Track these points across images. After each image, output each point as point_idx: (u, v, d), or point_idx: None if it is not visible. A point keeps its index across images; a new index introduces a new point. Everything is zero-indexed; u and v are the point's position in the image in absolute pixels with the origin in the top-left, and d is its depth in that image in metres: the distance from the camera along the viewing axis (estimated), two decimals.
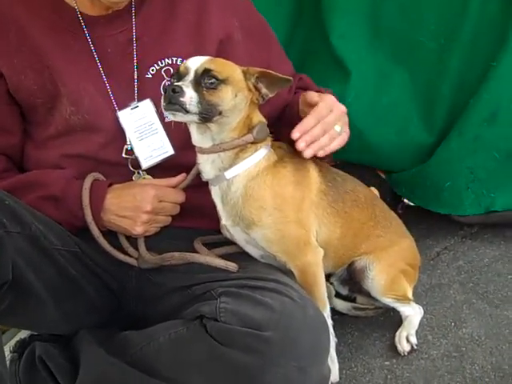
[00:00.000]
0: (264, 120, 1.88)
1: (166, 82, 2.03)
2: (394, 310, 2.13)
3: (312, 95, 1.99)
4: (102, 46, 2.01)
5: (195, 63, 1.78)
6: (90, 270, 1.96)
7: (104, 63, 2.01)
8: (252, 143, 1.83)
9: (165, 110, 1.75)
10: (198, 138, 1.84)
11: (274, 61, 2.15)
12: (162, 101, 1.75)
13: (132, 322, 2.04)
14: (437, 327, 2.10)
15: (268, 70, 1.82)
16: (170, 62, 2.05)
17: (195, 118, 1.74)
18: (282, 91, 2.03)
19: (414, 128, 2.63)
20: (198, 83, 1.74)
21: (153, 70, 2.04)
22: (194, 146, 2.05)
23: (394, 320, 2.15)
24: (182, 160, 2.05)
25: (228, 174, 1.83)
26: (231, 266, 1.85)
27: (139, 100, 2.03)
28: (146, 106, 2.04)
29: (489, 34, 2.46)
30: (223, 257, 1.93)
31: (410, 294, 2.07)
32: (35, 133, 2.06)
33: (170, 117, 1.79)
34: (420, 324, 2.08)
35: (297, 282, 1.86)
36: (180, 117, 1.74)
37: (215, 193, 1.89)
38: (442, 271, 2.42)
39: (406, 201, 2.95)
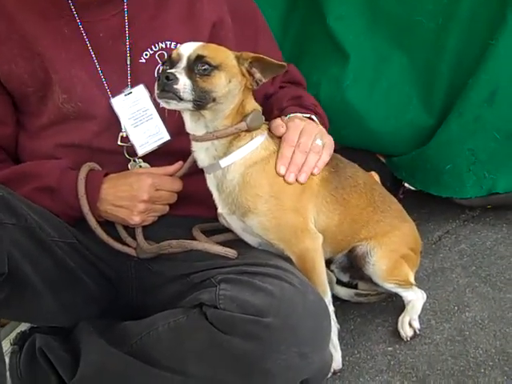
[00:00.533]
0: (259, 107, 1.85)
1: (160, 67, 2.00)
2: (396, 295, 2.11)
3: (277, 128, 1.91)
4: (94, 31, 1.98)
5: (188, 49, 1.74)
6: (87, 260, 1.94)
7: (96, 49, 1.98)
8: (246, 131, 1.80)
9: (158, 98, 1.72)
10: (191, 125, 1.81)
11: (262, 48, 2.07)
12: (156, 88, 1.72)
13: (131, 311, 2.02)
14: (440, 311, 2.07)
15: (262, 56, 1.79)
16: (163, 46, 2.01)
17: (189, 105, 1.71)
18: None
19: (414, 110, 2.59)
20: (191, 70, 1.70)
21: (146, 55, 2.00)
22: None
23: (396, 305, 2.14)
24: (178, 146, 2.01)
25: (223, 163, 1.81)
26: (230, 252, 1.82)
27: (133, 86, 2.00)
28: (140, 91, 2.01)
29: (486, 12, 2.41)
30: (222, 244, 1.90)
31: (412, 279, 2.04)
32: (28, 123, 2.03)
33: (163, 105, 1.75)
34: (423, 309, 2.05)
35: (297, 268, 1.83)
36: (174, 105, 1.71)
37: (210, 181, 1.87)
38: (444, 255, 2.39)
39: (406, 185, 2.93)
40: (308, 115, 2.03)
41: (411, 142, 2.63)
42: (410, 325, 1.99)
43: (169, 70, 1.71)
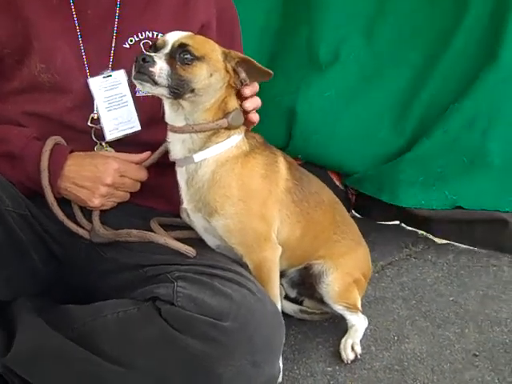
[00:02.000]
0: (239, 107, 1.83)
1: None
2: (338, 316, 2.12)
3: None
4: (83, 6, 1.93)
5: (173, 37, 1.73)
6: (37, 235, 1.86)
7: (82, 24, 1.93)
8: (225, 128, 1.79)
9: (134, 79, 1.70)
10: (170, 115, 1.79)
11: None
12: (133, 70, 1.69)
13: (71, 293, 1.96)
14: (380, 339, 2.10)
15: (250, 58, 1.78)
16: (150, 36, 1.98)
17: (165, 91, 1.68)
18: None
19: (384, 130, 2.78)
20: (172, 57, 1.68)
21: (131, 41, 1.97)
22: (160, 125, 1.98)
23: (338, 326, 2.15)
24: (146, 137, 1.99)
25: (197, 157, 1.78)
26: (190, 250, 1.79)
27: (113, 69, 1.96)
28: (120, 76, 1.97)
29: (476, 48, 2.64)
30: (180, 241, 1.86)
31: (359, 304, 2.06)
32: None
33: (138, 86, 1.73)
34: (364, 335, 2.08)
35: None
36: (148, 88, 1.69)
37: (181, 174, 1.83)
38: (385, 285, 2.44)
39: (353, 211, 3.01)
40: None
41: (377, 160, 2.78)
42: (353, 348, 2.00)
43: (147, 53, 1.68)
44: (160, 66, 1.65)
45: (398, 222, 3.01)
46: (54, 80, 1.90)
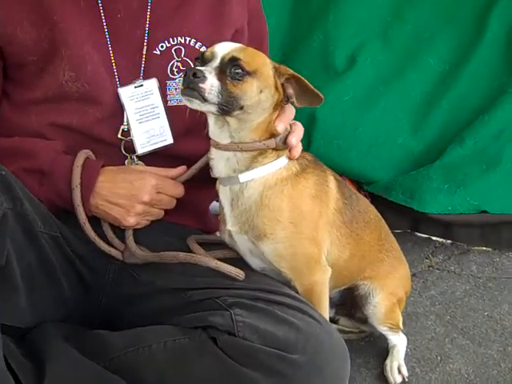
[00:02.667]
0: (289, 127, 1.72)
1: (175, 63, 1.85)
2: (374, 334, 2.06)
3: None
4: (113, 10, 1.80)
5: (223, 49, 1.60)
6: (67, 258, 1.73)
7: (111, 29, 1.80)
8: (273, 149, 1.67)
9: (182, 94, 1.57)
10: (215, 131, 1.66)
11: None
12: (181, 84, 1.57)
13: (96, 320, 1.83)
14: (423, 360, 2.03)
15: (301, 76, 1.64)
16: (182, 41, 1.85)
17: (213, 108, 1.56)
18: None
19: (404, 135, 2.79)
20: (222, 71, 1.56)
21: (162, 47, 1.84)
22: (192, 137, 1.89)
23: (374, 346, 2.09)
24: (178, 150, 1.87)
25: (242, 177, 1.66)
26: (240, 273, 1.67)
27: (144, 78, 1.83)
28: (151, 85, 1.85)
29: (499, 62, 2.74)
30: (223, 261, 1.74)
31: (401, 323, 1.99)
32: (17, 94, 1.82)
33: (185, 102, 1.60)
34: (405, 355, 2.00)
35: None
36: (197, 105, 1.56)
37: (224, 194, 1.72)
38: (415, 299, 2.36)
39: None
40: None
41: (398, 166, 2.78)
42: (399, 370, 1.93)
43: (198, 67, 1.56)
44: (211, 83, 1.53)
45: (409, 230, 2.95)
46: (84, 89, 1.77)
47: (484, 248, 2.72)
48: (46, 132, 1.78)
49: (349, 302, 1.95)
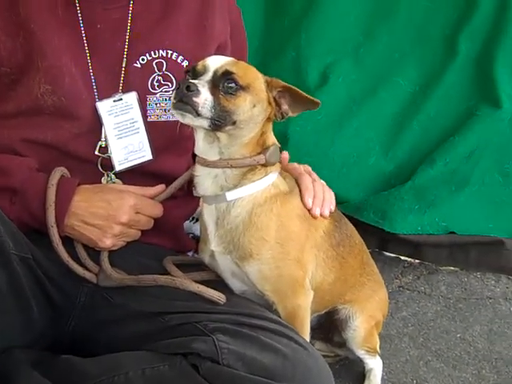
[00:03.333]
0: (277, 142, 1.69)
1: (156, 77, 1.79)
2: (349, 358, 2.03)
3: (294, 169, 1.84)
4: (92, 20, 1.74)
5: (216, 62, 1.56)
6: (36, 280, 1.64)
7: (91, 41, 1.74)
8: (262, 165, 1.63)
9: (174, 108, 1.52)
10: (203, 147, 1.61)
11: None
12: (173, 97, 1.51)
13: (65, 344, 1.75)
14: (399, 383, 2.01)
15: (294, 87, 1.62)
16: (163, 55, 1.80)
17: (205, 123, 1.51)
18: None
19: (376, 155, 2.78)
20: (215, 85, 1.51)
21: (143, 60, 1.78)
22: (171, 154, 1.84)
23: (350, 369, 2.05)
24: (157, 168, 1.82)
25: (230, 196, 1.61)
26: (221, 297, 1.61)
27: (123, 91, 1.77)
28: (131, 99, 1.79)
29: (468, 86, 2.74)
30: (201, 284, 1.68)
31: (378, 347, 1.96)
32: None
33: (177, 117, 1.54)
34: (381, 378, 1.98)
35: None
36: (189, 119, 1.51)
37: (209, 213, 1.66)
38: (387, 321, 2.33)
39: None
40: None
41: (369, 186, 2.78)
42: None
43: (191, 80, 1.51)
44: (205, 97, 1.48)
45: (377, 250, 2.95)
46: (60, 103, 1.70)
47: (452, 268, 2.72)
48: (18, 147, 1.70)
49: (327, 326, 1.92)
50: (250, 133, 1.59)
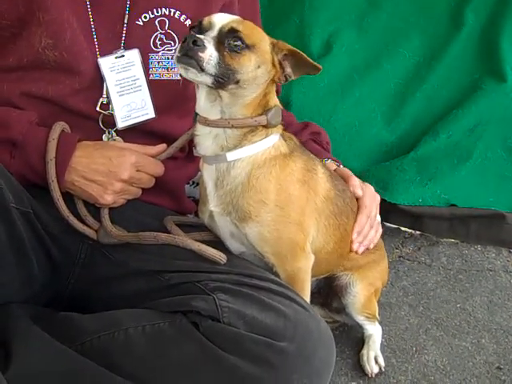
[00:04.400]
0: (280, 104, 1.66)
1: (158, 35, 1.77)
2: (348, 324, 2.03)
3: (355, 186, 1.88)
4: None
5: (222, 19, 1.53)
6: (37, 235, 1.63)
7: None
8: (263, 126, 1.60)
9: (178, 61, 1.49)
10: (205, 106, 1.58)
11: None
12: (177, 51, 1.48)
13: (63, 301, 1.73)
14: (398, 350, 2.00)
15: (299, 50, 1.59)
16: (166, 13, 1.77)
17: (209, 79, 1.48)
18: None
19: (377, 126, 2.75)
20: (220, 42, 1.49)
21: (145, 18, 1.75)
22: (174, 113, 1.83)
23: (349, 335, 2.04)
24: (158, 126, 1.80)
25: (230, 156, 1.59)
26: (222, 257, 1.60)
27: (125, 49, 1.75)
28: (133, 56, 1.76)
29: (473, 59, 2.71)
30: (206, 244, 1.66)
31: (377, 313, 1.95)
32: None
33: (181, 71, 1.51)
34: (381, 345, 1.97)
35: None
36: (192, 74, 1.48)
37: (209, 173, 1.64)
38: (388, 289, 2.32)
39: None
40: (337, 164, 2.01)
41: (371, 156, 2.74)
42: (376, 360, 1.89)
43: (198, 35, 1.48)
44: (210, 52, 1.45)
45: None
46: (61, 58, 1.67)
47: (452, 240, 2.70)
48: (17, 101, 1.68)
49: (326, 291, 1.91)
50: (252, 93, 1.57)
